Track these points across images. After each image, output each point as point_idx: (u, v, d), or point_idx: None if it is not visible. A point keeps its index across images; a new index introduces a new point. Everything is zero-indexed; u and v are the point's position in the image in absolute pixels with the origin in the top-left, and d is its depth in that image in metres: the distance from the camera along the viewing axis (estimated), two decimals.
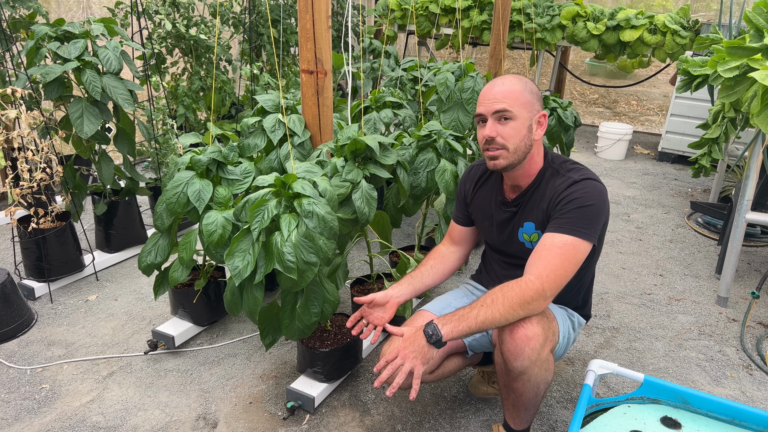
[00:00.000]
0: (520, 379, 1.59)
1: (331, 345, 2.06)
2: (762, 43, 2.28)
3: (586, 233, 1.55)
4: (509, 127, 1.59)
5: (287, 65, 4.73)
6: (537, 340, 1.52)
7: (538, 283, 1.49)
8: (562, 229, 1.56)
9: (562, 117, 3.18)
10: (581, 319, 1.87)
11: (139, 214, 3.15)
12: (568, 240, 1.54)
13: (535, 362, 1.55)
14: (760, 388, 2.21)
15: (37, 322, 2.54)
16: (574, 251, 1.54)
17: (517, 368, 1.55)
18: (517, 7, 5.37)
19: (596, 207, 1.57)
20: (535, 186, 1.69)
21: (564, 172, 1.66)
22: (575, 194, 1.58)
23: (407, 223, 3.72)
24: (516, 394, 1.65)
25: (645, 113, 7.33)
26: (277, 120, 2.27)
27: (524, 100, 1.60)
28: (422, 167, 2.27)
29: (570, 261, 1.53)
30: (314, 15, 2.04)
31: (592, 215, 1.56)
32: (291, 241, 1.61)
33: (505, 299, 1.49)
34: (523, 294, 1.49)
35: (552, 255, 1.53)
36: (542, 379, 1.61)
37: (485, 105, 1.61)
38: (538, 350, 1.53)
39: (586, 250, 1.56)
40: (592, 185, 1.61)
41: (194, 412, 2.03)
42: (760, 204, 3.10)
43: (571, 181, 1.62)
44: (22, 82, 2.54)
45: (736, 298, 2.85)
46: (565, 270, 1.53)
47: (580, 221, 1.55)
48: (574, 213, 1.56)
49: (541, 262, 1.52)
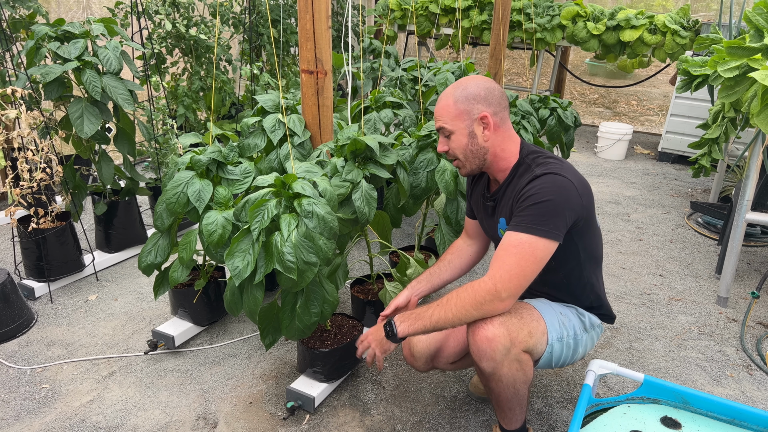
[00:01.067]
0: (492, 379, 1.60)
1: (331, 345, 2.06)
2: (762, 43, 2.28)
3: (543, 230, 1.50)
4: (452, 140, 1.66)
5: (287, 65, 4.73)
6: (499, 341, 1.52)
7: (491, 284, 1.49)
8: (518, 227, 1.53)
9: (562, 117, 3.18)
10: (595, 319, 1.82)
11: (139, 214, 3.15)
12: (523, 239, 1.50)
13: (501, 363, 1.54)
14: (760, 388, 2.21)
15: (37, 322, 2.54)
16: (530, 250, 1.49)
17: (485, 369, 1.57)
18: (517, 7, 5.37)
19: (553, 202, 1.51)
20: (509, 181, 1.68)
21: (534, 167, 1.62)
22: (532, 190, 1.55)
23: (407, 223, 3.72)
24: (495, 394, 1.66)
25: (645, 113, 7.33)
26: (277, 120, 2.27)
27: (456, 112, 1.62)
28: (422, 167, 2.27)
29: (527, 260, 1.49)
30: (314, 15, 2.04)
31: (548, 211, 1.51)
32: (291, 241, 1.61)
33: (458, 300, 1.52)
34: (475, 295, 1.50)
35: (507, 255, 1.51)
36: (517, 378, 1.60)
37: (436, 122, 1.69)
38: (503, 351, 1.53)
39: (546, 248, 1.51)
40: (551, 180, 1.55)
41: (194, 412, 2.03)
42: (760, 204, 3.10)
43: (532, 177, 1.58)
44: (22, 82, 2.54)
45: (736, 298, 2.85)
46: (521, 270, 1.49)
47: (536, 218, 1.51)
48: (530, 210, 1.52)
49: (496, 263, 1.52)
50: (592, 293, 1.81)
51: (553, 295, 1.79)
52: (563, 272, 1.72)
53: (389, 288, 2.24)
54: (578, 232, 1.63)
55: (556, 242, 1.52)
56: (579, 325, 1.76)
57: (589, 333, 1.80)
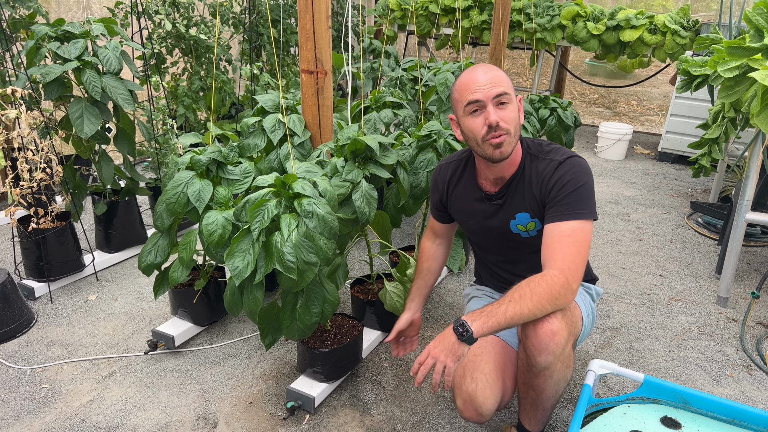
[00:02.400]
0: (542, 375, 1.57)
1: (331, 345, 2.06)
2: (762, 43, 2.28)
3: (587, 213, 1.56)
4: (508, 110, 1.56)
5: (287, 65, 4.73)
6: (562, 335, 1.51)
7: (562, 277, 1.48)
8: (565, 216, 1.55)
9: (562, 117, 3.18)
10: (598, 290, 1.90)
11: (139, 214, 3.15)
12: (575, 225, 1.54)
13: (558, 357, 1.54)
14: (760, 388, 2.21)
15: (37, 322, 2.54)
16: (583, 235, 1.54)
17: (541, 363, 1.54)
18: (517, 7, 5.37)
19: (588, 185, 1.58)
20: (519, 174, 1.67)
21: (543, 155, 1.65)
22: (566, 177, 1.58)
23: (407, 223, 3.72)
24: (536, 392, 1.63)
25: (645, 113, 7.33)
26: (277, 120, 2.27)
27: (510, 84, 1.60)
28: (422, 167, 2.27)
29: (583, 245, 1.53)
30: (314, 15, 2.04)
31: (587, 194, 1.57)
32: (291, 241, 1.61)
33: (533, 295, 1.46)
34: (551, 289, 1.47)
35: (566, 245, 1.52)
36: (563, 376, 1.60)
37: (482, 91, 1.53)
38: (563, 345, 1.52)
39: (591, 230, 1.57)
40: (578, 163, 1.60)
41: (194, 412, 2.03)
42: (760, 204, 3.10)
43: (556, 163, 1.61)
44: (22, 82, 2.54)
45: (736, 298, 2.85)
46: (582, 256, 1.53)
47: (579, 203, 1.55)
48: (572, 197, 1.56)
49: (558, 255, 1.51)
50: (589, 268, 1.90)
51: None
52: None
53: (389, 288, 2.24)
54: None
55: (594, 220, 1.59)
56: (590, 298, 1.81)
57: (596, 301, 1.87)
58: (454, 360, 1.46)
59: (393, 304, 2.23)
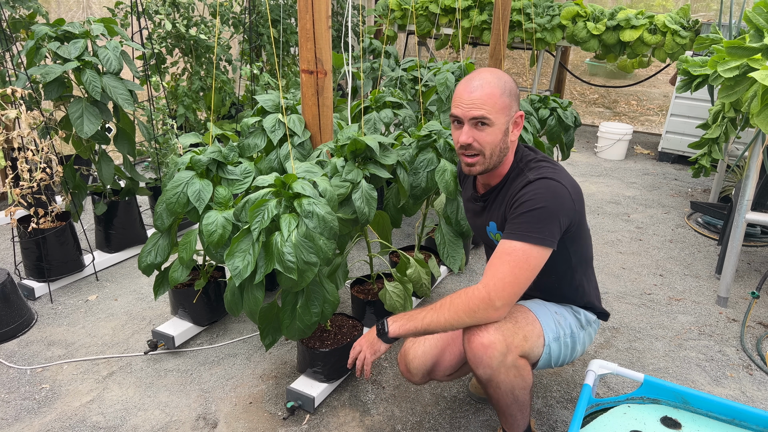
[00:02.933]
0: (489, 385, 1.58)
1: (331, 345, 2.06)
2: (762, 43, 2.28)
3: (537, 238, 1.48)
4: (486, 133, 1.54)
5: (287, 65, 4.73)
6: (495, 348, 1.50)
7: (484, 291, 1.48)
8: (512, 235, 1.51)
9: (562, 117, 3.18)
10: (590, 316, 1.80)
11: (139, 214, 3.15)
12: (517, 246, 1.49)
13: (498, 369, 1.52)
14: (760, 388, 2.21)
15: (37, 322, 2.54)
16: (524, 257, 1.48)
17: (482, 376, 1.55)
18: (517, 7, 5.37)
19: (547, 209, 1.49)
20: (502, 185, 1.67)
21: (526, 171, 1.61)
22: (525, 197, 1.53)
23: (407, 223, 3.72)
24: (494, 400, 1.64)
25: (645, 113, 7.33)
26: (277, 120, 2.27)
27: (502, 105, 1.53)
28: (422, 167, 2.27)
29: (520, 268, 1.48)
30: (314, 15, 2.04)
31: (542, 218, 1.49)
32: (291, 241, 1.61)
33: (452, 305, 1.50)
34: (469, 302, 1.48)
35: (501, 263, 1.49)
36: (516, 385, 1.57)
37: (462, 108, 1.54)
38: (499, 358, 1.50)
39: (540, 255, 1.49)
40: (544, 185, 1.53)
41: (194, 412, 2.03)
42: (760, 204, 3.10)
43: (525, 182, 1.57)
44: (22, 82, 2.54)
45: (736, 298, 2.85)
46: (515, 278, 1.48)
47: (530, 226, 1.49)
48: (524, 218, 1.51)
49: (490, 271, 1.50)
50: (584, 295, 1.80)
51: (546, 298, 1.78)
52: (555, 277, 1.70)
53: (389, 288, 2.24)
54: (570, 237, 1.61)
55: (550, 249, 1.51)
56: (575, 323, 1.75)
57: (586, 330, 1.79)
58: (372, 353, 1.62)
59: (393, 304, 2.24)
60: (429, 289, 2.44)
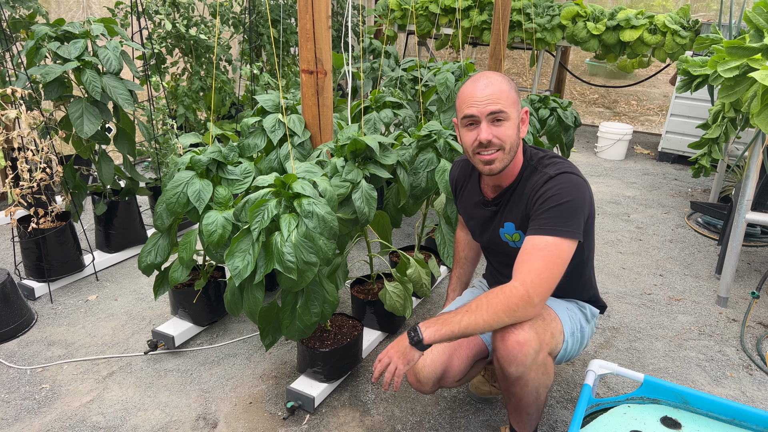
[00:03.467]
0: (517, 384, 1.57)
1: (331, 345, 2.06)
2: (762, 43, 2.28)
3: (567, 231, 1.50)
4: (504, 127, 1.54)
5: (287, 65, 4.73)
6: (530, 345, 1.50)
7: (522, 289, 1.47)
8: (542, 230, 1.51)
9: (562, 117, 3.18)
10: (594, 310, 1.84)
11: (139, 214, 3.15)
12: (549, 241, 1.50)
13: (530, 367, 1.53)
14: (760, 388, 2.21)
15: (37, 322, 2.54)
16: (557, 252, 1.49)
17: (513, 374, 1.54)
18: (517, 7, 5.37)
19: (574, 202, 1.52)
20: (515, 185, 1.66)
21: (541, 168, 1.62)
22: (551, 191, 1.54)
23: (407, 223, 3.72)
24: (516, 399, 1.64)
25: (645, 113, 7.33)
26: (277, 120, 2.27)
27: (513, 99, 1.56)
28: (422, 167, 2.27)
29: (555, 263, 1.49)
30: (314, 15, 2.04)
31: (570, 211, 1.51)
32: (291, 241, 1.61)
33: (489, 306, 1.47)
34: (508, 301, 1.46)
35: (535, 259, 1.49)
36: (541, 383, 1.59)
37: (478, 106, 1.54)
38: (533, 355, 1.51)
39: (570, 249, 1.52)
40: (567, 179, 1.55)
41: (194, 412, 2.03)
42: (760, 204, 3.10)
43: (546, 177, 1.57)
44: (22, 82, 2.54)
45: (736, 298, 2.85)
46: (550, 273, 1.48)
47: (559, 220, 1.50)
48: (553, 212, 1.51)
49: (524, 268, 1.49)
50: (590, 288, 1.84)
51: (555, 293, 1.78)
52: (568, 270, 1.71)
53: (389, 288, 2.24)
54: (586, 230, 1.63)
55: (577, 241, 1.53)
56: (582, 317, 1.78)
57: (591, 323, 1.83)
58: (404, 363, 1.51)
59: (393, 304, 2.24)
60: (429, 289, 2.44)
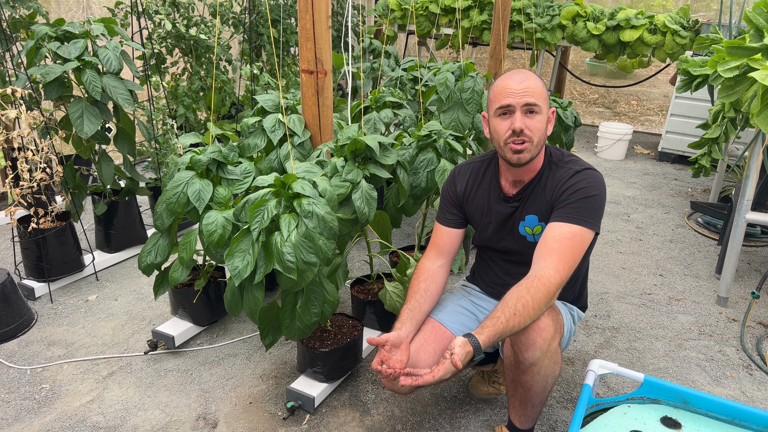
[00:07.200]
0: (530, 371, 1.58)
1: (331, 345, 2.06)
2: (762, 43, 2.28)
3: (591, 222, 1.58)
4: (536, 120, 1.60)
5: (287, 65, 4.73)
6: (548, 331, 1.53)
7: (557, 277, 1.50)
8: (569, 218, 1.58)
9: (562, 117, 3.18)
10: (580, 312, 1.90)
11: (139, 214, 3.15)
12: (576, 230, 1.57)
13: (545, 353, 1.55)
14: (760, 388, 2.21)
15: (37, 322, 2.54)
16: (581, 241, 1.57)
17: (528, 359, 1.55)
18: (517, 7, 5.37)
19: (599, 197, 1.62)
20: (537, 179, 1.71)
21: (563, 164, 1.70)
22: (579, 184, 1.62)
23: (407, 223, 3.72)
24: (524, 389, 1.64)
25: (645, 113, 7.33)
26: (277, 120, 2.27)
27: (546, 96, 1.63)
28: (422, 167, 2.27)
29: (578, 251, 1.56)
30: (314, 15, 2.04)
31: (596, 205, 1.61)
32: (291, 242, 1.61)
33: (534, 300, 1.46)
34: (548, 292, 1.49)
35: (564, 247, 1.55)
36: (550, 372, 1.61)
37: (515, 97, 1.58)
38: (549, 341, 1.54)
39: (590, 240, 1.60)
40: (593, 175, 1.65)
41: (194, 412, 2.03)
42: (760, 204, 3.10)
43: (573, 172, 1.66)
44: (22, 82, 2.54)
45: (736, 298, 2.85)
46: (575, 260, 1.55)
47: (585, 211, 1.59)
48: (580, 203, 1.59)
49: (555, 255, 1.53)
50: (581, 287, 1.88)
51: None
52: None
53: (389, 288, 2.24)
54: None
55: (595, 233, 1.62)
56: (570, 318, 1.81)
57: (576, 325, 1.88)
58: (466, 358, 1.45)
59: (393, 304, 2.23)
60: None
